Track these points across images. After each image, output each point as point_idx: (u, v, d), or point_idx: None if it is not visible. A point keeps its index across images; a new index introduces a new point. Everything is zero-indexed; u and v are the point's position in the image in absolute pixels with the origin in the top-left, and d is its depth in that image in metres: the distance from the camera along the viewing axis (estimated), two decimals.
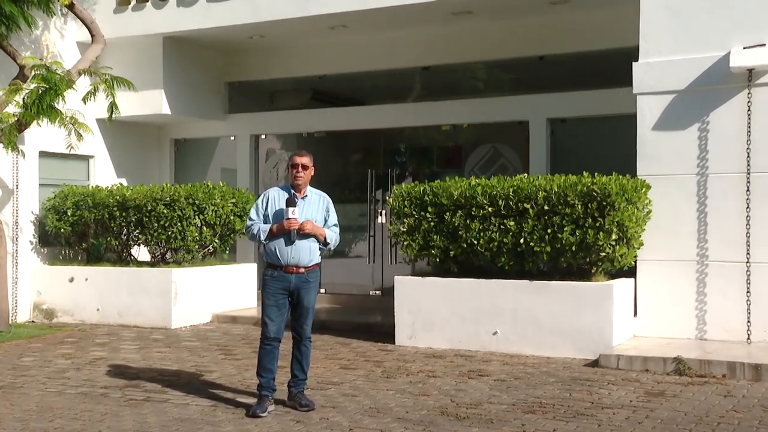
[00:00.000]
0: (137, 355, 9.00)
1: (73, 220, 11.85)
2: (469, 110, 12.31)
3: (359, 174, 13.33)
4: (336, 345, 9.57)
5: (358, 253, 13.16)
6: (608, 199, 8.45)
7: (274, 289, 6.47)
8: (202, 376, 7.86)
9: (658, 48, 9.10)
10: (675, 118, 9.01)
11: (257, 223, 6.51)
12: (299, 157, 6.50)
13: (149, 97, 12.78)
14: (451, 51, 12.27)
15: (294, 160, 6.50)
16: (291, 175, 6.52)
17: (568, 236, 8.59)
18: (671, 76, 9.00)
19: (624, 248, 8.69)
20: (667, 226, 9.03)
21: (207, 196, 11.47)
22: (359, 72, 13.12)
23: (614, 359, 8.10)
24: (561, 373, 7.86)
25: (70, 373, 8.04)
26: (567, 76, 11.87)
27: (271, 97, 14.40)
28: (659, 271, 9.07)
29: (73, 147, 11.12)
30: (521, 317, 8.93)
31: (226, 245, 12.13)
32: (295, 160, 6.49)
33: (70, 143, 11.07)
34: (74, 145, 11.09)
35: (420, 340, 9.44)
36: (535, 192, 8.83)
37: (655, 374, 7.79)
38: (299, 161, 6.48)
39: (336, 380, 7.60)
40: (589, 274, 8.85)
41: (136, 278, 11.37)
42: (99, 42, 11.94)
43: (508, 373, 7.91)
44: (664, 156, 9.05)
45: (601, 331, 8.56)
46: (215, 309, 11.79)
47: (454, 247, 9.29)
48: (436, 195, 9.39)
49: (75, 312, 11.73)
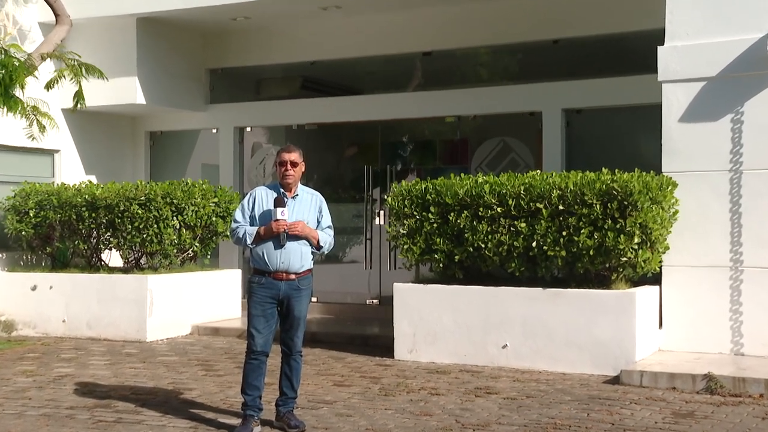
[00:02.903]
0: (108, 372, 8.96)
1: (36, 221, 11.81)
2: (475, 100, 12.30)
3: (355, 171, 13.33)
4: (329, 359, 9.56)
5: (354, 258, 13.16)
6: (630, 199, 8.43)
7: (262, 298, 6.44)
8: (181, 394, 7.82)
9: (685, 30, 9.07)
10: (705, 109, 8.99)
11: (243, 225, 6.48)
12: (287, 153, 6.45)
13: (121, 85, 12.75)
14: (456, 34, 12.27)
15: (282, 157, 6.45)
16: (279, 173, 6.49)
17: (586, 239, 8.58)
18: (700, 62, 8.98)
19: (647, 253, 8.68)
20: (696, 228, 9.02)
21: (186, 195, 11.45)
22: (354, 58, 13.12)
23: (637, 376, 8.07)
24: (578, 391, 7.84)
25: (31, 392, 7.98)
26: (584, 61, 11.89)
27: (257, 85, 14.40)
28: (687, 277, 9.06)
29: (36, 139, 11.06)
30: (533, 329, 8.91)
31: (207, 249, 12.11)
32: (284, 156, 6.44)
33: (32, 134, 11.02)
34: (37, 137, 11.04)
35: (421, 354, 9.43)
36: (548, 190, 8.82)
37: (684, 393, 7.76)
38: (288, 158, 6.43)
39: (329, 398, 7.58)
40: (609, 281, 8.84)
41: (107, 286, 11.32)
42: (64, 23, 11.84)
43: (518, 390, 7.89)
44: (692, 150, 9.03)
45: (623, 344, 8.54)
46: (195, 320, 11.76)
47: (459, 251, 9.28)
48: (439, 194, 9.38)
49: (38, 324, 11.67)
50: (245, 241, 6.43)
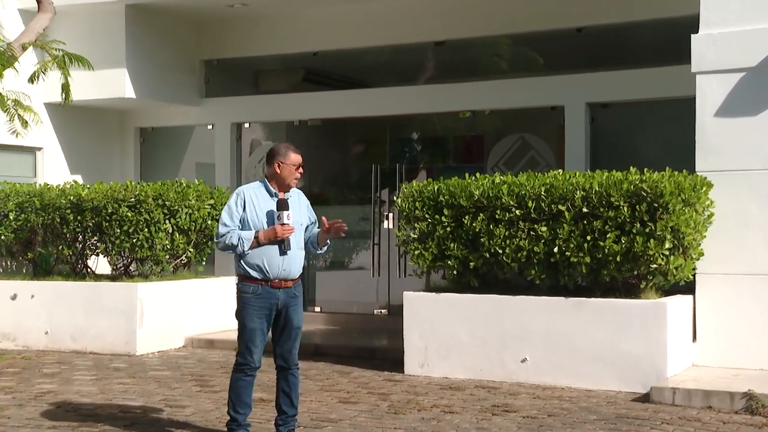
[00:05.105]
0: (94, 388, 8.96)
1: (17, 225, 11.82)
2: (491, 93, 12.30)
3: (361, 170, 13.35)
4: (333, 374, 9.57)
5: (360, 265, 13.19)
6: (660, 200, 8.42)
7: (259, 310, 6.42)
8: (173, 412, 7.80)
9: (722, 16, 9.06)
10: (743, 102, 8.98)
11: (234, 230, 6.39)
12: (298, 154, 6.50)
13: (109, 78, 12.79)
14: (471, 22, 12.28)
15: (295, 158, 6.46)
16: (287, 173, 6.44)
17: (612, 244, 8.56)
18: (739, 51, 8.96)
19: (680, 259, 8.67)
20: (733, 232, 9.01)
21: (179, 197, 11.46)
22: (361, 48, 13.16)
23: (669, 393, 8.04)
24: (604, 410, 7.83)
25: (10, 410, 7.96)
26: (610, 51, 11.93)
27: (255, 77, 14.45)
28: (724, 286, 9.05)
29: (20, 135, 11.06)
30: (555, 341, 8.91)
31: (202, 255, 12.12)
32: (297, 158, 6.47)
33: (14, 130, 11.02)
34: (20, 133, 11.05)
35: (434, 369, 9.43)
36: (571, 191, 8.82)
37: (721, 412, 7.72)
38: (300, 159, 6.49)
39: (333, 417, 7.57)
40: (638, 289, 8.83)
41: (94, 295, 11.31)
42: (47, 10, 11.87)
43: (539, 408, 7.88)
44: (729, 148, 9.02)
45: (653, 358, 8.52)
46: (189, 331, 11.76)
47: (475, 257, 9.28)
48: (453, 195, 9.39)
49: (18, 336, 11.66)
50: (240, 248, 6.34)
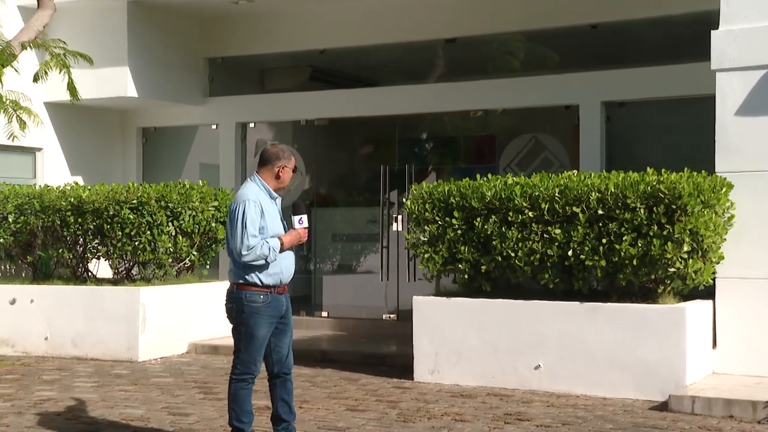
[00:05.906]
0: (95, 395, 8.97)
1: (16, 227, 11.85)
2: (504, 92, 12.30)
3: (369, 171, 13.36)
4: (341, 381, 9.57)
5: (369, 268, 13.20)
6: (679, 202, 8.40)
7: (269, 318, 6.41)
8: (176, 420, 7.80)
9: (743, 11, 9.03)
10: (765, 100, 8.95)
11: (263, 240, 6.35)
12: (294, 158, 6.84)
13: (111, 76, 12.82)
14: (482, 19, 12.29)
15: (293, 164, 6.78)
16: (287, 178, 6.69)
17: (628, 247, 8.55)
18: (761, 47, 8.93)
19: (699, 263, 8.66)
20: (755, 235, 8.99)
21: (183, 199, 11.48)
22: (369, 45, 13.18)
23: (688, 402, 8.02)
24: (620, 418, 7.82)
25: (9, 418, 7.98)
26: (626, 48, 11.92)
27: (260, 76, 14.48)
28: (745, 291, 9.02)
29: (17, 136, 11.08)
30: (570, 348, 8.90)
31: (206, 259, 12.15)
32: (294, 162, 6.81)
33: (12, 132, 11.03)
34: (17, 134, 11.06)
35: (444, 376, 9.43)
36: (586, 193, 8.81)
37: (742, 422, 7.70)
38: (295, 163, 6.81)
39: (341, 425, 7.57)
40: (655, 294, 8.82)
41: (95, 299, 11.33)
42: (47, 7, 11.87)
43: (553, 417, 7.87)
44: (750, 148, 9.00)
45: (671, 365, 8.50)
46: (192, 337, 11.77)
47: (487, 260, 9.28)
48: (464, 196, 9.40)
49: (17, 342, 11.69)
50: (272, 257, 6.33)
